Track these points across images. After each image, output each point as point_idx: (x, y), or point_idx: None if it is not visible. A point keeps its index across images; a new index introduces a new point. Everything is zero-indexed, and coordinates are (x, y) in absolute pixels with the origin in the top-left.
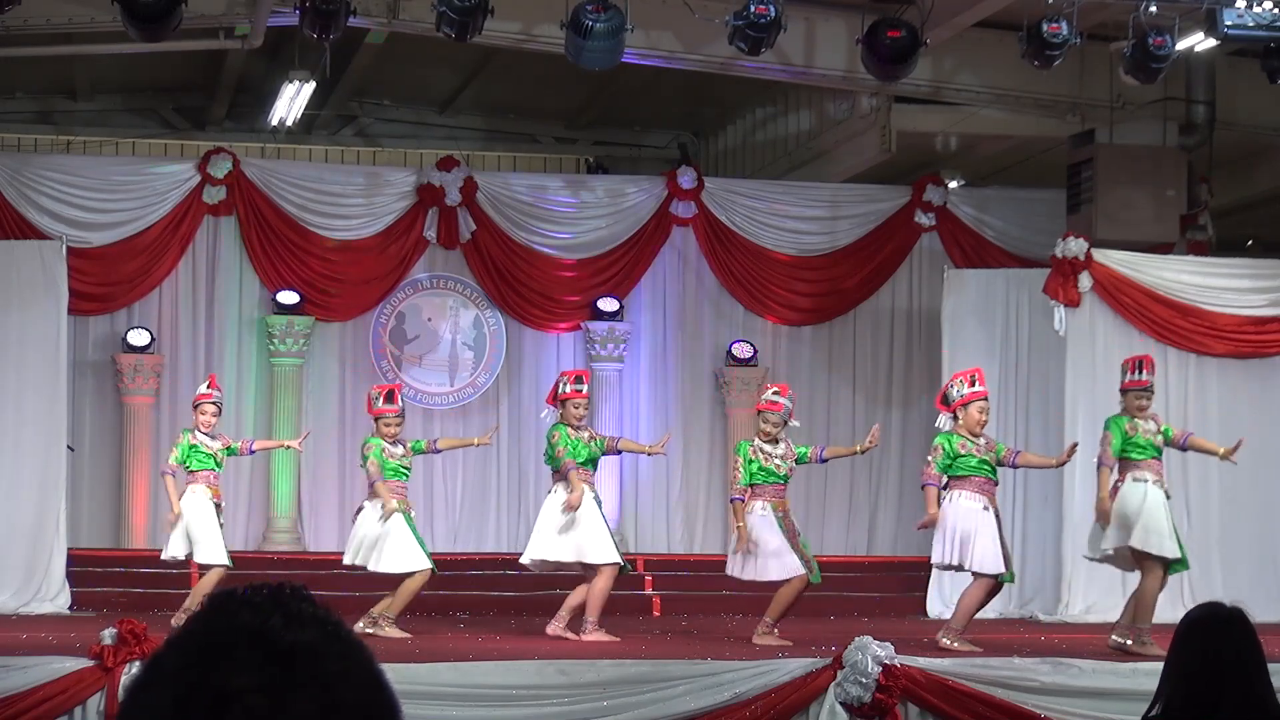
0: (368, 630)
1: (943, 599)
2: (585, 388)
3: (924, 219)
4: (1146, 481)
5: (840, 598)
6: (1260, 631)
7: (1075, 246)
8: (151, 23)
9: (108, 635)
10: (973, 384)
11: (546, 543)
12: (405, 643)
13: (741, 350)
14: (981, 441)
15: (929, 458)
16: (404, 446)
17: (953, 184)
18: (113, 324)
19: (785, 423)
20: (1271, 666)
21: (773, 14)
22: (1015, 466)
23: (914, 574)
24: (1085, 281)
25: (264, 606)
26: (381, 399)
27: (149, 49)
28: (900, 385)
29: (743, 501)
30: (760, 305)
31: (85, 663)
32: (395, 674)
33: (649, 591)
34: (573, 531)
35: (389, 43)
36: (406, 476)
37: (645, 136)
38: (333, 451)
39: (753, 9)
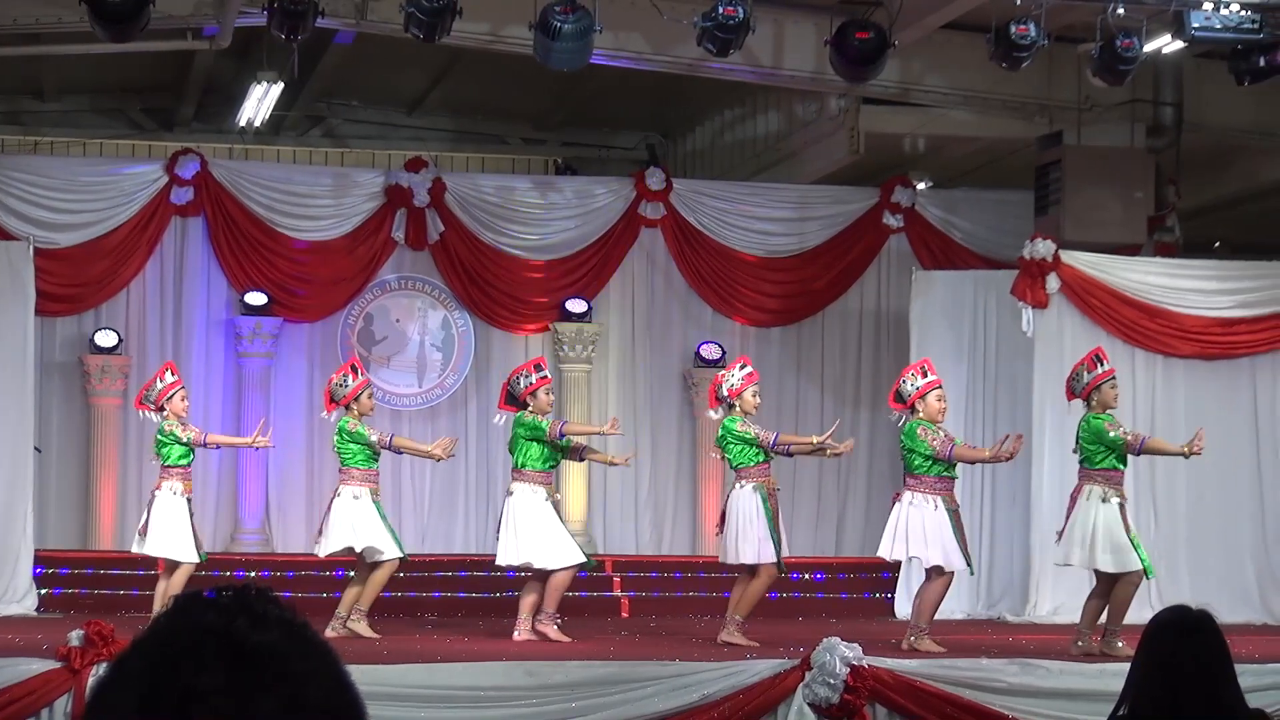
0: (338, 632)
1: (911, 600)
2: (546, 371)
3: (892, 220)
4: (1101, 499)
5: (808, 599)
6: (1227, 632)
7: (1043, 248)
8: (119, 23)
9: (75, 637)
10: (925, 374)
11: (516, 546)
12: (373, 644)
13: (710, 351)
14: (941, 434)
15: (929, 440)
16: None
17: (921, 185)
18: (80, 325)
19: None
20: (1240, 668)
21: (741, 15)
22: (957, 461)
23: (882, 575)
24: (1053, 283)
25: (229, 608)
26: (350, 378)
27: (117, 49)
28: (869, 386)
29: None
30: (729, 306)
31: (52, 664)
32: (363, 675)
33: (617, 593)
34: (534, 536)
35: (357, 43)
36: (376, 463)
37: (614, 138)
38: (300, 452)
39: (721, 10)
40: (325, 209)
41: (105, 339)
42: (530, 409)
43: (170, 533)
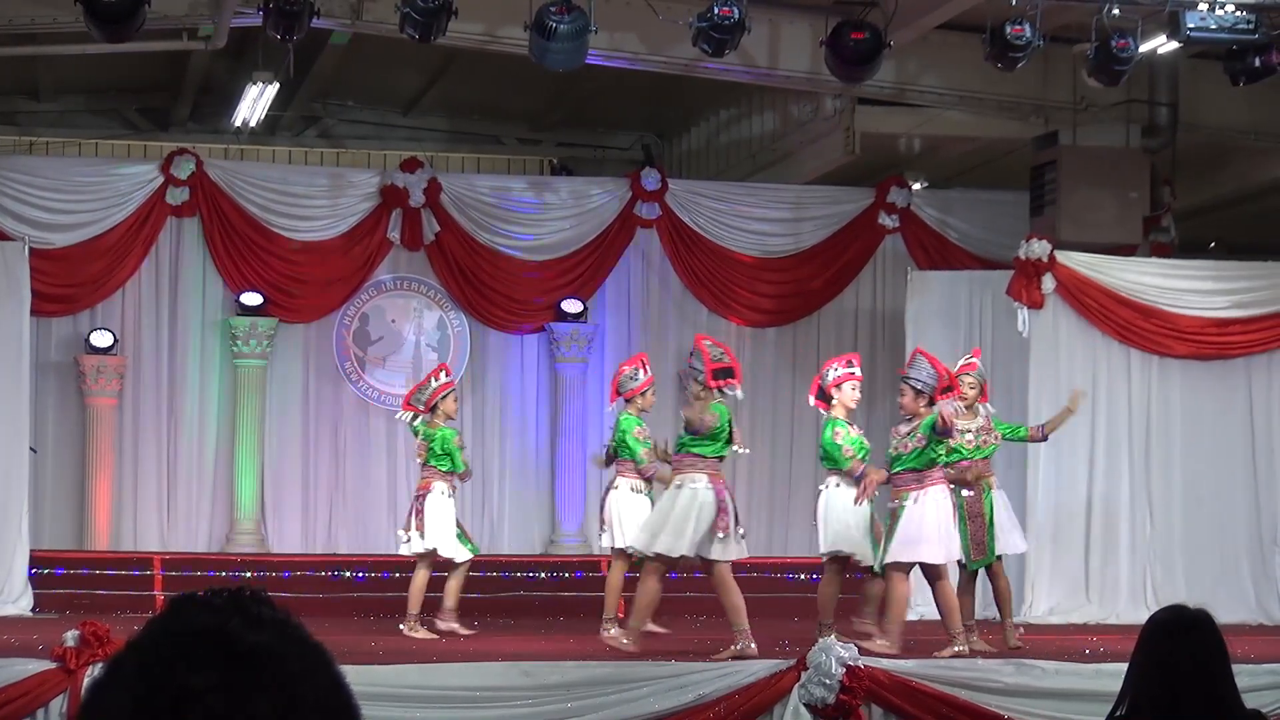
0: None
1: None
2: (858, 369)
3: (888, 221)
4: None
5: (804, 599)
6: (1223, 632)
7: (1038, 248)
8: (114, 23)
9: (70, 637)
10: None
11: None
12: (369, 644)
13: None
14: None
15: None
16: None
17: (916, 186)
18: (75, 325)
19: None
20: (1235, 669)
21: (736, 15)
22: None
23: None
24: (1048, 283)
25: (223, 609)
26: (641, 372)
27: (112, 50)
28: (863, 387)
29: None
30: (724, 307)
31: (48, 665)
32: (360, 676)
33: None
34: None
35: (353, 44)
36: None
37: (609, 138)
38: (295, 453)
39: (716, 10)
40: (321, 209)
41: (101, 339)
42: (836, 404)
43: (445, 531)
